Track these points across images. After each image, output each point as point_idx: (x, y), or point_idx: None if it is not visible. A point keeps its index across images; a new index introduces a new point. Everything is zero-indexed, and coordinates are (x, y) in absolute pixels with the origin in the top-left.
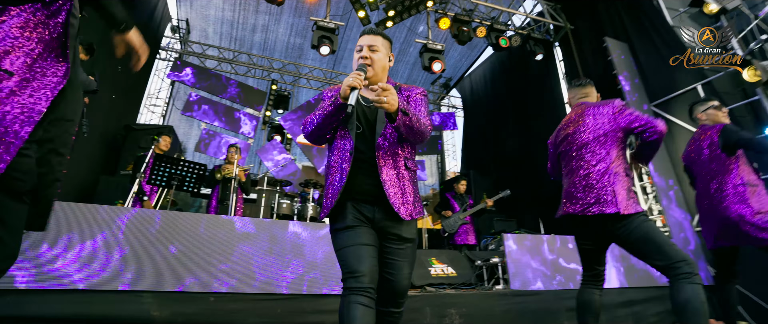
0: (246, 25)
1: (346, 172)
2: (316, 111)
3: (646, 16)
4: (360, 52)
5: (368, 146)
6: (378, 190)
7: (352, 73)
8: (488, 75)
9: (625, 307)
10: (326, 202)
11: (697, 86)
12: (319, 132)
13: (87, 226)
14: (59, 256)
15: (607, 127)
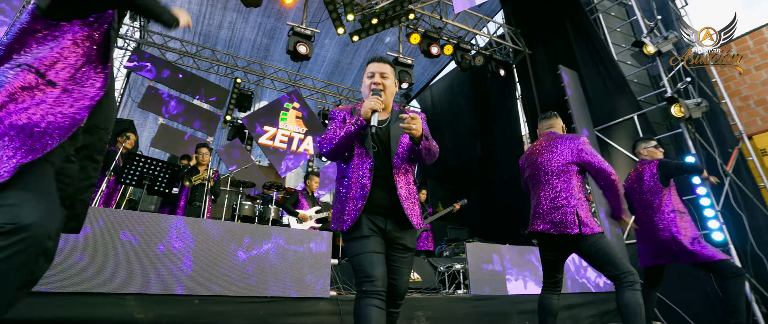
0: (212, 20)
1: (367, 188)
2: (333, 130)
3: (595, 50)
4: (372, 77)
5: (383, 164)
6: (392, 204)
7: (372, 97)
8: (449, 89)
9: (566, 310)
10: (348, 215)
11: (633, 116)
12: (340, 150)
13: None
14: None
15: (571, 159)
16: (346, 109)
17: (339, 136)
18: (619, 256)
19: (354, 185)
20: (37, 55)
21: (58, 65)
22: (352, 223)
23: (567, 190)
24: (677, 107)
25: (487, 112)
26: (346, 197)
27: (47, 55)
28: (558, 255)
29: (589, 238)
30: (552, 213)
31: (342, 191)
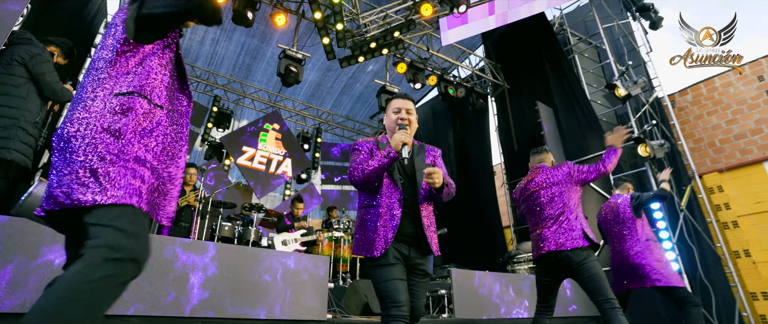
0: (195, 35)
1: (397, 218)
2: (363, 161)
3: (570, 88)
4: (398, 113)
5: (409, 195)
6: (417, 233)
7: (401, 131)
8: (428, 117)
9: None
10: (378, 243)
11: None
12: (371, 180)
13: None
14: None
15: (565, 185)
16: (370, 142)
17: (372, 166)
18: (606, 283)
19: (384, 215)
20: (138, 80)
21: (157, 88)
22: (383, 251)
23: (567, 212)
24: (643, 147)
25: (464, 142)
26: (376, 225)
27: (147, 81)
28: (554, 279)
29: (588, 260)
30: (556, 234)
31: (370, 218)
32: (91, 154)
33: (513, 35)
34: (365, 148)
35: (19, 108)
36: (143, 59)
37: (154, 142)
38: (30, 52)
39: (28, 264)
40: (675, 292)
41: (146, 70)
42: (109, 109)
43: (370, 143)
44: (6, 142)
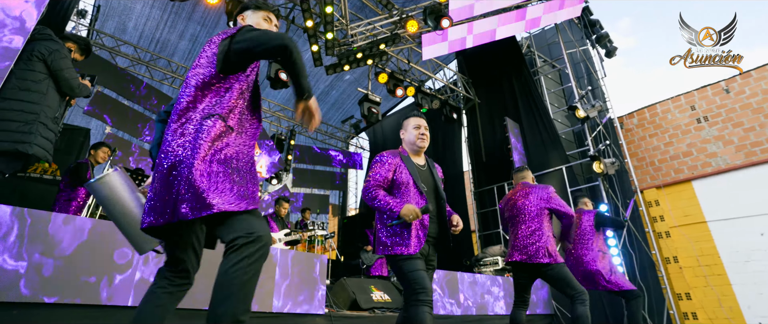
0: (173, 29)
1: (427, 221)
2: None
3: (536, 106)
4: (418, 129)
5: (431, 201)
6: (440, 233)
7: (415, 212)
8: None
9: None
10: (413, 242)
11: (562, 167)
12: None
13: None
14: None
15: (543, 205)
16: (395, 155)
17: (381, 206)
18: (574, 279)
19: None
20: (220, 105)
21: (233, 113)
22: (417, 250)
23: (540, 229)
24: (597, 164)
25: (436, 149)
26: (410, 228)
27: (226, 106)
28: (528, 279)
29: (554, 266)
30: (528, 246)
31: (402, 222)
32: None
33: (484, 53)
34: (387, 161)
35: (40, 103)
36: (221, 88)
37: (224, 156)
38: (49, 48)
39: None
40: (622, 293)
41: (226, 97)
42: (218, 131)
43: (395, 157)
44: (27, 136)
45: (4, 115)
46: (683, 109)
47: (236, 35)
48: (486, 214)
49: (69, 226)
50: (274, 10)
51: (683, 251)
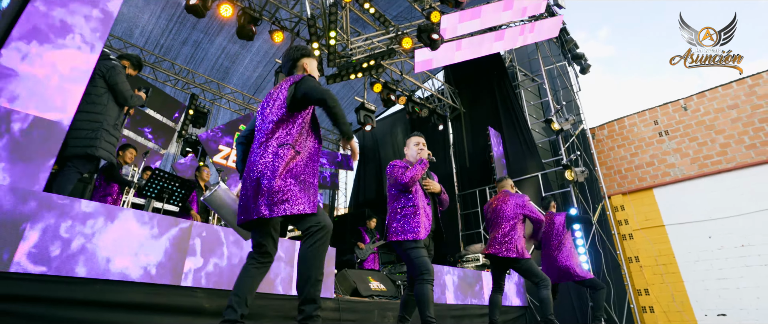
0: (178, 35)
1: (430, 215)
2: (404, 171)
3: (516, 117)
4: (418, 145)
5: (431, 202)
6: (437, 227)
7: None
8: (388, 130)
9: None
10: (421, 230)
11: (538, 174)
12: (414, 183)
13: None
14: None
15: (519, 211)
16: (403, 161)
17: (414, 170)
18: (539, 270)
19: (420, 212)
20: (290, 136)
21: (298, 141)
22: (425, 236)
23: (513, 230)
24: (569, 172)
25: None
26: (418, 219)
27: (293, 136)
28: (502, 269)
29: (522, 261)
30: (503, 243)
31: (411, 213)
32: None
33: (470, 65)
34: (402, 164)
35: (102, 113)
36: (290, 122)
37: (297, 172)
38: (106, 66)
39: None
40: (587, 282)
41: (294, 129)
42: (287, 156)
43: (404, 162)
44: (94, 141)
45: (76, 125)
46: (647, 123)
47: (300, 84)
48: (468, 215)
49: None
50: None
51: (643, 252)
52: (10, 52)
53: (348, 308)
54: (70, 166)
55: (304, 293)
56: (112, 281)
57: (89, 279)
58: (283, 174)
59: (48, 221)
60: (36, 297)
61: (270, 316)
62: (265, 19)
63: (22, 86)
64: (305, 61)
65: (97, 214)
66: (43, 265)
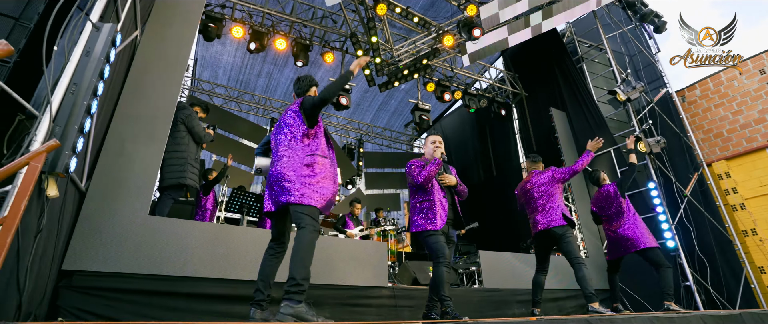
0: (253, 70)
1: (446, 206)
2: (420, 171)
3: (580, 94)
4: (434, 143)
5: (447, 191)
6: (455, 216)
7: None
8: (457, 124)
9: (552, 301)
10: (439, 221)
11: (610, 150)
12: (429, 180)
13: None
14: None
15: (550, 184)
16: (421, 160)
17: (428, 170)
18: (577, 246)
19: (438, 205)
20: (317, 146)
21: (324, 149)
22: (442, 226)
23: (550, 200)
24: (641, 144)
25: (489, 145)
26: (435, 212)
27: (319, 145)
28: (546, 248)
29: (566, 228)
30: (546, 218)
31: (428, 207)
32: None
33: (527, 48)
34: (417, 163)
35: (186, 151)
36: (313, 135)
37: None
38: (185, 114)
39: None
40: (652, 253)
41: (317, 141)
42: (305, 163)
43: (421, 161)
44: (183, 173)
45: (169, 162)
46: (751, 75)
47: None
48: None
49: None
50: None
51: (762, 223)
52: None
53: (404, 295)
54: (167, 194)
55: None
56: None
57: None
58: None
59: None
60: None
61: (330, 304)
62: (315, 43)
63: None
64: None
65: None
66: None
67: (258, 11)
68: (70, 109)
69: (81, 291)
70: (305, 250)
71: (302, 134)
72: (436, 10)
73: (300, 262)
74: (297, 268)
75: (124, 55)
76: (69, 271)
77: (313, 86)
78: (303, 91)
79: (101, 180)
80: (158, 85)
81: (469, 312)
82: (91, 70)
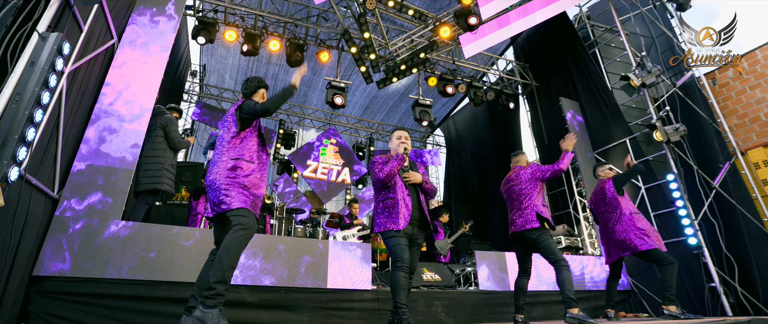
0: (258, 73)
1: (410, 206)
2: (382, 167)
3: (593, 81)
4: (400, 139)
5: (412, 190)
6: (421, 216)
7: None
8: (469, 119)
9: (559, 304)
10: (401, 220)
11: (626, 140)
12: (390, 179)
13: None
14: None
15: (529, 182)
16: (383, 156)
17: (390, 166)
18: (556, 248)
19: (401, 204)
20: (246, 149)
21: (253, 152)
22: (404, 226)
23: (529, 200)
24: (657, 133)
25: (502, 139)
26: (397, 211)
27: (246, 149)
28: (525, 250)
29: (539, 231)
30: (521, 219)
31: (391, 206)
32: (224, 187)
33: (538, 36)
34: (381, 160)
35: (163, 156)
36: (244, 139)
37: (251, 179)
38: (166, 120)
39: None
40: (651, 255)
41: (248, 144)
42: (228, 166)
43: (385, 158)
44: (160, 178)
45: (146, 166)
46: None
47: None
48: (554, 196)
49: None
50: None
51: None
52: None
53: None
54: (142, 199)
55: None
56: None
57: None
58: (229, 179)
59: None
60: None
61: (309, 308)
62: (310, 43)
63: None
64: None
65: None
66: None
67: (250, 14)
68: (12, 119)
69: (51, 296)
70: (226, 252)
71: (231, 136)
72: (440, 3)
73: (218, 264)
74: (214, 270)
75: (98, 63)
76: (40, 277)
77: (262, 88)
78: (250, 93)
79: (73, 186)
80: (135, 91)
81: (463, 316)
82: (34, 80)
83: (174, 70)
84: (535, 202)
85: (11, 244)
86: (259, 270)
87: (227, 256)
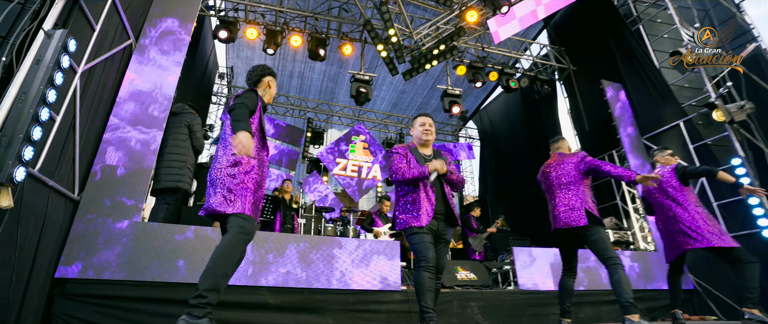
0: (284, 71)
1: (433, 200)
2: (398, 163)
3: (638, 61)
4: (423, 126)
5: (436, 181)
6: (446, 210)
7: (438, 162)
8: (502, 109)
9: (609, 304)
10: (424, 217)
11: (680, 122)
12: (407, 183)
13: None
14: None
15: (575, 171)
16: (404, 147)
17: (412, 174)
18: (610, 244)
19: (422, 197)
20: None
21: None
22: (427, 223)
23: (577, 194)
24: (718, 112)
25: (539, 128)
26: (420, 206)
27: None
28: (571, 247)
29: (593, 228)
30: (566, 214)
31: (412, 201)
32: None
33: (574, 17)
34: (402, 152)
35: (186, 155)
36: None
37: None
38: (191, 118)
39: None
40: (726, 252)
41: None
42: (229, 163)
43: (405, 149)
44: (181, 176)
45: (168, 163)
46: None
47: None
48: (598, 186)
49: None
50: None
51: None
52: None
53: None
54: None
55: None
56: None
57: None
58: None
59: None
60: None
61: (333, 310)
62: (332, 36)
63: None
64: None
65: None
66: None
67: (271, 10)
68: (17, 119)
69: (73, 298)
70: (222, 257)
71: (231, 133)
72: None
73: (208, 270)
74: (204, 276)
75: (115, 63)
76: (62, 280)
77: (267, 76)
78: (252, 83)
79: (93, 188)
80: (153, 92)
81: (501, 318)
82: (40, 78)
83: (201, 73)
84: (583, 196)
85: (28, 247)
86: (282, 272)
87: (223, 262)
